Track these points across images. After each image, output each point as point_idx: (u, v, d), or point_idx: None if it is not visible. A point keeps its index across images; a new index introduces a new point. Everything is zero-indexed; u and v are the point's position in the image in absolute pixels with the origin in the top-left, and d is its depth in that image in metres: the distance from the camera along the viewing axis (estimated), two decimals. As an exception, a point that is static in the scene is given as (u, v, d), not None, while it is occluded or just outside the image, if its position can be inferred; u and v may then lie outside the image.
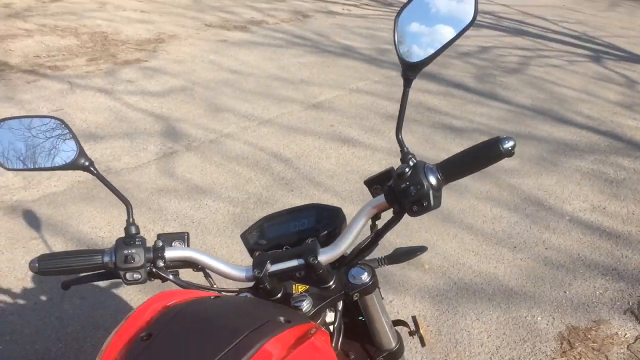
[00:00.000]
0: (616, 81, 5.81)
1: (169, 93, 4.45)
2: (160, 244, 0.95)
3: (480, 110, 4.60)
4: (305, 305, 0.93)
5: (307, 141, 3.77)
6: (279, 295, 0.96)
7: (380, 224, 0.97)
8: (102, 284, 2.31)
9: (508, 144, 0.82)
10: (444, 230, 2.86)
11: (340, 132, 3.95)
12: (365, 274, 0.96)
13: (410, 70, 0.92)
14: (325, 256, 0.93)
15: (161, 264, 0.94)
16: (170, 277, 0.95)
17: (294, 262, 0.94)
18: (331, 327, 1.03)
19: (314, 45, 6.21)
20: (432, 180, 0.85)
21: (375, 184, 0.96)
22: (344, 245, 0.93)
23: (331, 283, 0.96)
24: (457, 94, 4.96)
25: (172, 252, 0.95)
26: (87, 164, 0.98)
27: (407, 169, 0.86)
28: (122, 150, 3.45)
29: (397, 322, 1.14)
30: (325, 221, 1.03)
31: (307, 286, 1.00)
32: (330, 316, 1.04)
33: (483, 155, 0.85)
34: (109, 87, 4.46)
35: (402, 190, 0.86)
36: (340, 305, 1.01)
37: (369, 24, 7.53)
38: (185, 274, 0.96)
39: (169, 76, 4.82)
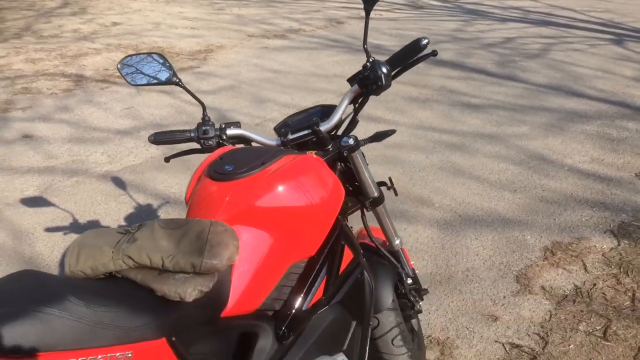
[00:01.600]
0: (635, 59, 6.12)
1: (219, 91, 5.13)
2: (223, 125, 1.55)
3: (498, 90, 5.06)
4: None
5: (339, 121, 4.34)
6: None
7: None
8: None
9: (424, 41, 1.37)
10: (454, 180, 3.36)
11: (369, 113, 4.50)
12: (351, 140, 1.52)
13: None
14: (325, 126, 1.49)
15: (224, 137, 1.53)
16: (230, 146, 1.54)
17: (305, 132, 1.51)
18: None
19: (346, 47, 6.81)
20: (384, 69, 1.41)
21: (353, 79, 1.52)
22: (336, 117, 1.49)
23: (330, 146, 1.52)
24: (477, 78, 5.43)
25: (231, 131, 1.55)
26: (177, 80, 1.59)
27: (368, 64, 1.42)
28: (184, 135, 4.12)
29: (380, 183, 1.69)
30: (327, 114, 1.59)
31: (315, 151, 1.56)
32: None
33: (411, 51, 1.40)
34: (168, 89, 5.18)
35: (365, 77, 1.42)
36: (338, 166, 1.57)
37: (399, 25, 8.09)
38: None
39: (218, 78, 5.52)
